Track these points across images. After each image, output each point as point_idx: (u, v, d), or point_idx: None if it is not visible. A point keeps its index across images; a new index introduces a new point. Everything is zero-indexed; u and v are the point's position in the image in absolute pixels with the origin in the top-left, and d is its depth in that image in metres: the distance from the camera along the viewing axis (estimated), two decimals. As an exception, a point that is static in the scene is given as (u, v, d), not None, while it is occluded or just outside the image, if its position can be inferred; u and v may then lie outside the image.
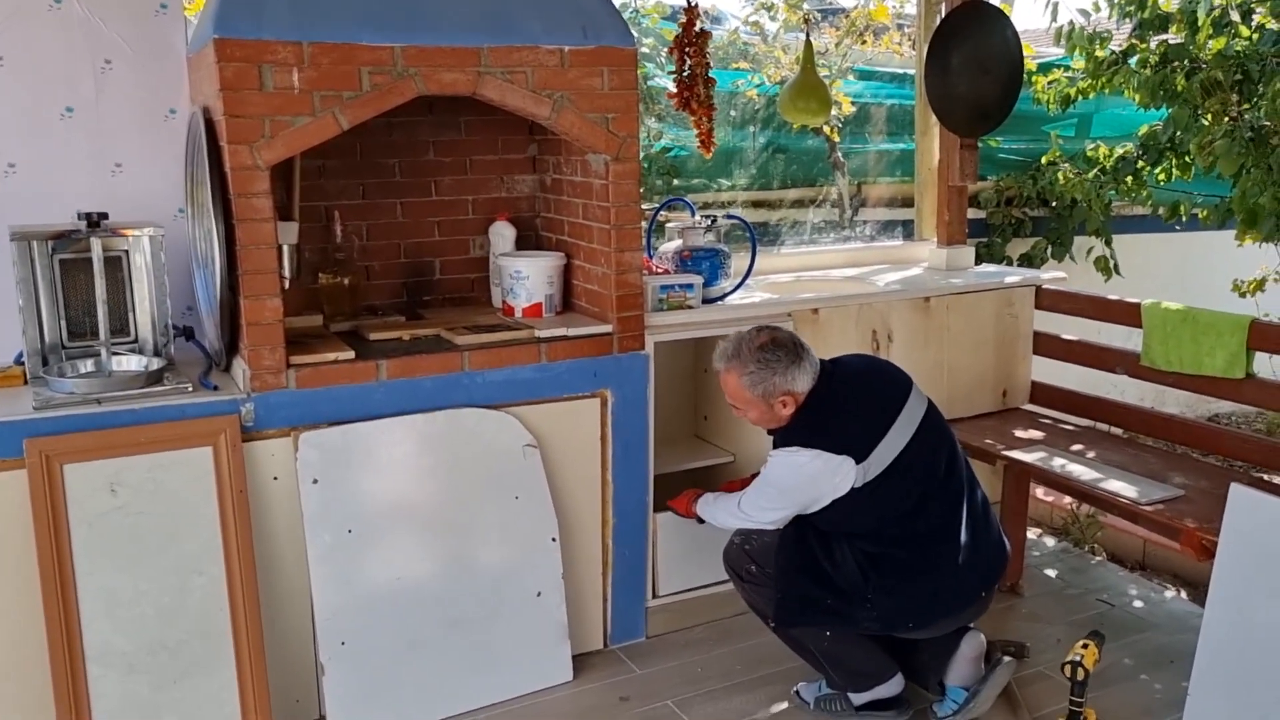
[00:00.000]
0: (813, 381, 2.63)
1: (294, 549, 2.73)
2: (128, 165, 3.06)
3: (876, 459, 2.58)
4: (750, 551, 2.85)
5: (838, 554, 2.66)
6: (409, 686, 2.82)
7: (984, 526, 2.72)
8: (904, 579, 2.63)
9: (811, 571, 2.68)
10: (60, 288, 2.75)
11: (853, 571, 2.63)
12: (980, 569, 2.70)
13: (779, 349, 2.62)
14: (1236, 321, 3.22)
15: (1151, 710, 2.87)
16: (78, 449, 2.49)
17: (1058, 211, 5.04)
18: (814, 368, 2.65)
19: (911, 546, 2.63)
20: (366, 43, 2.61)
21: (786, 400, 2.63)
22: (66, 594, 2.47)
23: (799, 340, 2.68)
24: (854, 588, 2.63)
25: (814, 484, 2.60)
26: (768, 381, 2.61)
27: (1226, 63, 4.07)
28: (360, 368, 2.78)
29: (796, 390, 2.62)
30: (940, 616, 2.71)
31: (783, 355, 2.61)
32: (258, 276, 2.63)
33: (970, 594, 2.71)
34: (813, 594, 2.67)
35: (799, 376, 2.61)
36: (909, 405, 2.67)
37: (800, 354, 2.63)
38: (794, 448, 2.62)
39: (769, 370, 2.60)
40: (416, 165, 3.39)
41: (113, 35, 3.00)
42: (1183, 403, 5.27)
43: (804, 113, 3.92)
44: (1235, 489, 2.59)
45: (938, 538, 2.64)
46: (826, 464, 2.57)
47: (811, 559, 2.68)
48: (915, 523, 2.63)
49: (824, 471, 2.57)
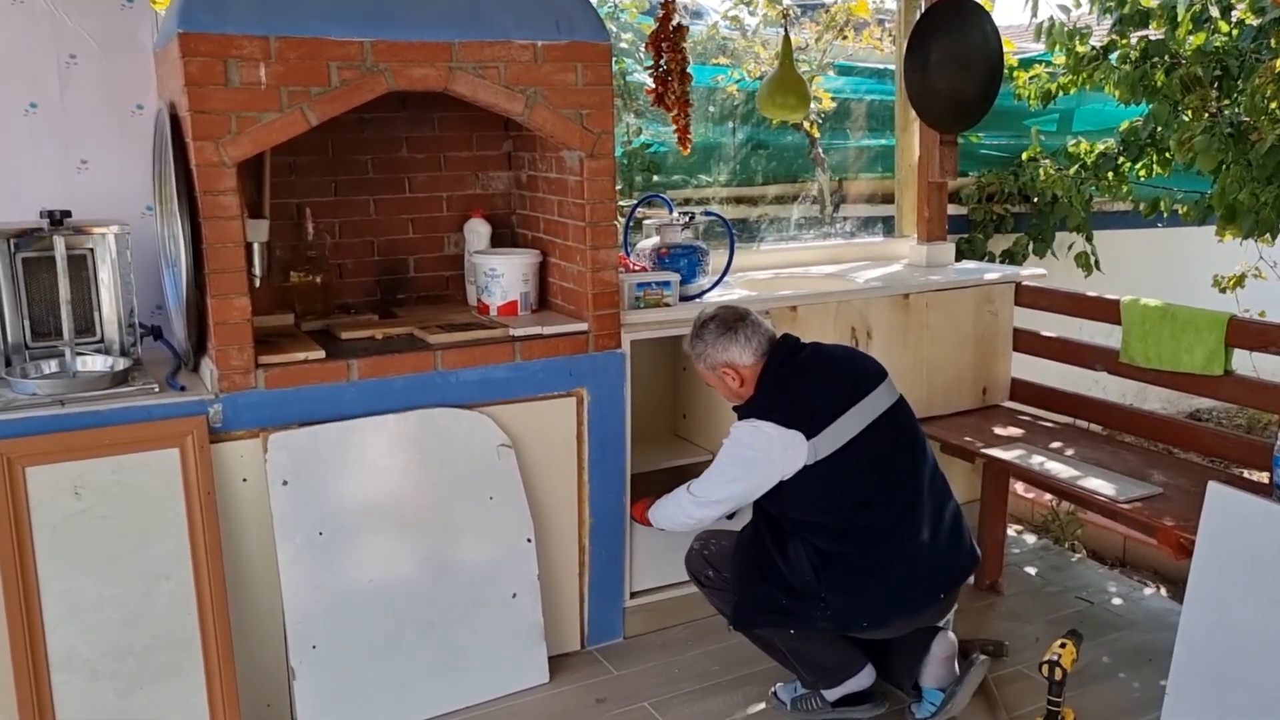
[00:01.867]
0: (755, 356, 2.69)
1: (264, 552, 2.69)
2: (94, 162, 3.01)
3: (828, 438, 2.58)
4: (709, 557, 2.86)
5: (791, 553, 2.65)
6: (382, 690, 2.78)
7: (950, 531, 2.70)
8: (855, 577, 2.61)
9: (767, 571, 2.67)
10: (23, 286, 2.70)
11: (806, 570, 2.62)
12: (940, 572, 2.68)
13: (712, 322, 2.73)
14: (1215, 318, 3.21)
15: (1129, 709, 2.86)
16: (40, 451, 2.44)
17: (1039, 208, 5.03)
18: (756, 341, 2.69)
19: (862, 542, 2.62)
20: (335, 37, 2.57)
21: (728, 372, 2.71)
22: (29, 599, 2.43)
23: (742, 314, 2.74)
24: (807, 587, 2.62)
25: (766, 455, 2.61)
26: (704, 355, 2.73)
27: (1206, 58, 4.07)
28: (331, 367, 2.74)
29: (735, 362, 2.69)
30: (896, 616, 2.67)
31: (714, 328, 2.72)
32: (225, 275, 2.59)
33: (928, 595, 2.68)
34: (768, 594, 2.67)
35: (732, 348, 2.68)
36: (874, 395, 2.67)
37: (736, 327, 2.70)
38: (749, 419, 2.67)
39: (703, 343, 2.73)
40: (390, 162, 3.35)
41: (77, 29, 2.94)
42: (1164, 399, 5.27)
43: (783, 108, 3.89)
44: (1213, 487, 2.58)
45: (891, 535, 2.62)
46: (779, 435, 2.59)
47: (766, 558, 2.68)
48: (867, 516, 2.62)
49: (775, 443, 2.59)
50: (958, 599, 2.81)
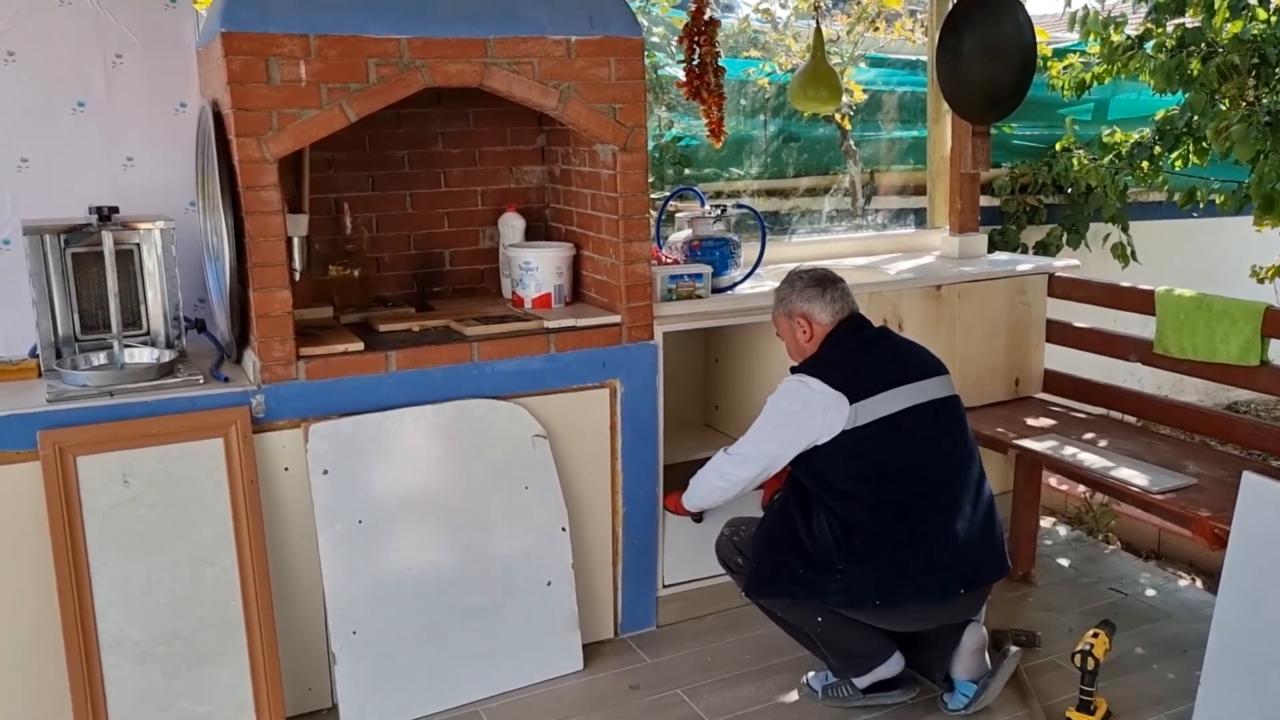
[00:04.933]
0: (833, 318, 2.77)
1: (305, 539, 2.75)
2: (139, 159, 3.08)
3: (870, 406, 2.63)
4: (738, 543, 2.88)
5: (815, 526, 2.67)
6: (420, 675, 2.84)
7: (983, 533, 2.69)
8: (874, 551, 2.62)
9: (788, 540, 2.70)
10: (73, 281, 2.77)
11: (828, 542, 2.64)
12: (963, 567, 2.66)
13: (810, 275, 2.84)
14: (1251, 309, 3.19)
15: (1163, 700, 2.86)
16: (91, 441, 2.51)
17: (1073, 198, 5.00)
18: (837, 306, 2.79)
19: (887, 518, 2.63)
20: (372, 34, 2.62)
21: (803, 324, 2.78)
22: (81, 584, 2.50)
23: (834, 278, 2.84)
24: (826, 557, 2.63)
25: (807, 411, 2.66)
26: (787, 299, 2.83)
27: (1243, 47, 4.02)
28: (370, 359, 2.79)
29: (813, 316, 2.77)
30: (908, 599, 2.64)
31: (810, 281, 2.81)
32: (267, 269, 2.64)
33: (945, 585, 2.65)
34: (786, 561, 2.69)
35: (816, 303, 2.77)
36: (927, 382, 2.72)
37: (825, 287, 2.79)
38: (799, 375, 2.74)
39: (791, 289, 2.83)
40: (425, 156, 3.40)
41: (123, 29, 3.01)
42: (1201, 391, 5.21)
43: (814, 101, 3.90)
44: (1248, 477, 2.57)
45: (916, 517, 2.63)
46: (823, 394, 2.64)
47: (790, 528, 2.71)
48: (895, 493, 2.64)
49: (816, 402, 2.64)
50: (988, 596, 2.80)
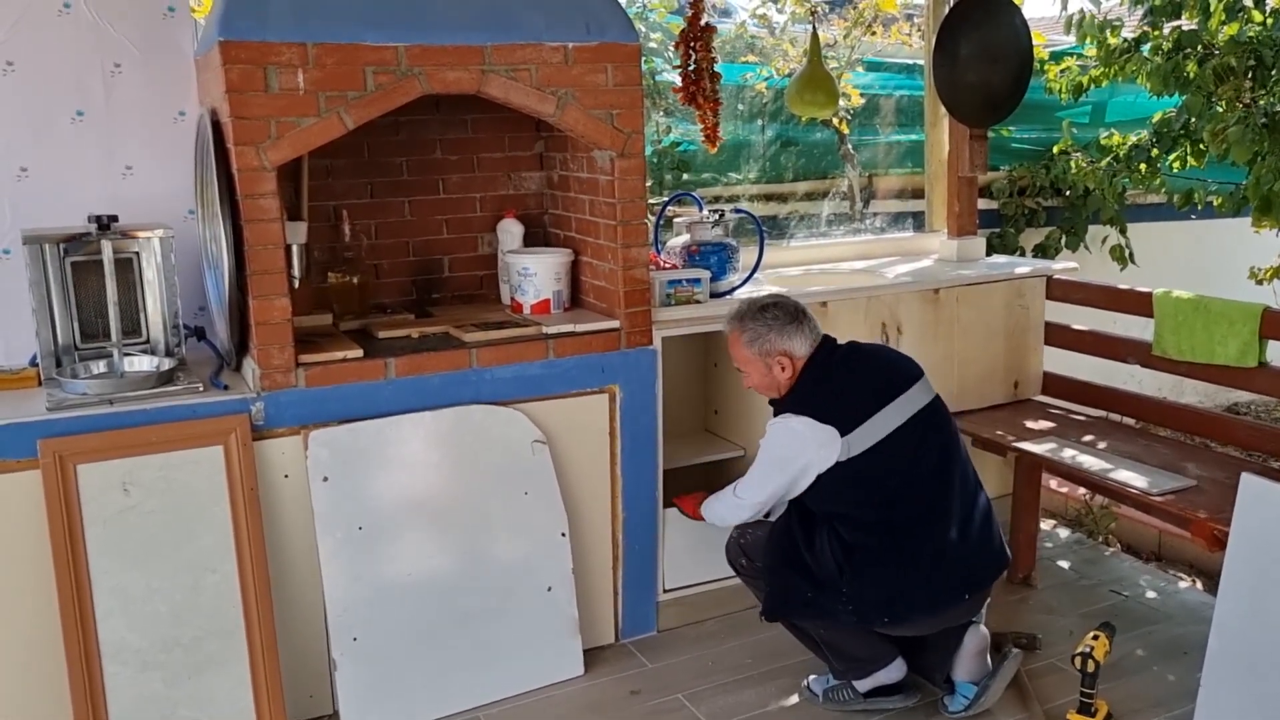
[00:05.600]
0: (810, 348, 2.71)
1: (305, 546, 2.75)
2: (138, 168, 3.09)
3: (862, 435, 2.60)
4: (744, 546, 2.90)
5: (817, 545, 2.67)
6: (421, 681, 2.84)
7: (980, 531, 2.70)
8: (877, 571, 2.63)
9: (794, 564, 2.70)
10: (72, 289, 2.78)
11: (829, 563, 2.65)
12: (966, 571, 2.68)
13: (779, 309, 2.74)
14: (1249, 310, 3.20)
15: (1164, 701, 2.86)
16: (91, 449, 2.52)
17: (1071, 201, 5.00)
18: (813, 335, 2.73)
19: (887, 537, 2.63)
20: (370, 43, 2.63)
21: (783, 361, 2.71)
22: (81, 592, 2.50)
23: (803, 308, 2.76)
24: (831, 579, 2.65)
25: (802, 451, 2.64)
26: (764, 339, 2.71)
27: (1239, 49, 4.03)
28: (369, 366, 2.80)
29: (793, 352, 2.70)
30: (917, 613, 2.67)
31: (781, 315, 2.72)
32: (266, 276, 2.65)
33: (951, 594, 2.67)
34: (795, 585, 2.70)
35: (795, 338, 2.70)
36: (910, 393, 2.69)
37: (800, 319, 2.72)
38: (783, 416, 2.70)
39: (766, 328, 2.71)
40: (424, 164, 3.41)
41: (121, 38, 3.02)
42: (1201, 392, 5.22)
43: (811, 105, 3.91)
44: (1246, 479, 2.57)
45: (915, 530, 2.63)
46: (814, 431, 2.62)
47: (794, 551, 2.70)
48: (894, 512, 2.64)
49: (809, 440, 2.62)
50: (989, 596, 2.81)
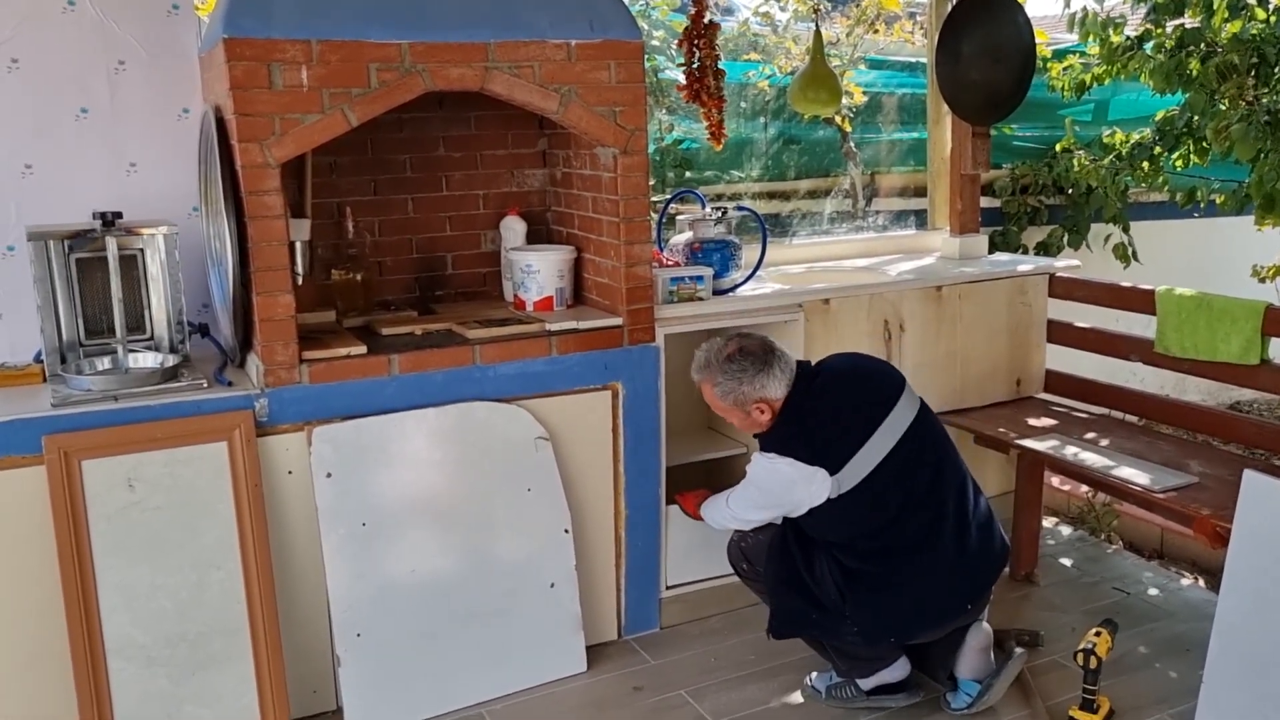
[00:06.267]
0: (787, 388, 2.65)
1: (309, 542, 2.76)
2: (142, 165, 3.10)
3: (851, 471, 2.58)
4: (745, 549, 2.91)
5: (818, 569, 2.68)
6: (424, 677, 2.85)
7: (980, 539, 2.69)
8: (879, 594, 2.63)
9: (796, 586, 2.71)
10: (77, 286, 2.79)
11: (831, 590, 2.66)
12: (967, 582, 2.69)
13: (746, 358, 2.65)
14: (1252, 307, 3.20)
15: (1167, 698, 2.86)
16: (96, 445, 2.52)
17: (1073, 199, 5.00)
18: (787, 373, 2.66)
19: (886, 561, 2.63)
20: (374, 40, 2.64)
21: (761, 407, 2.66)
22: (86, 588, 2.51)
23: (770, 345, 2.68)
24: (834, 605, 2.66)
25: (790, 491, 2.64)
26: (737, 391, 2.65)
27: (1242, 46, 4.03)
28: (372, 362, 2.80)
29: (769, 397, 2.65)
30: (922, 630, 2.71)
31: (749, 364, 2.64)
32: (270, 273, 2.66)
33: (955, 608, 2.69)
34: (799, 608, 2.72)
35: (768, 384, 2.64)
36: (895, 413, 2.65)
37: (769, 360, 2.64)
38: (771, 455, 2.65)
39: (736, 381, 2.65)
40: (427, 161, 3.41)
41: (125, 36, 3.03)
42: (1204, 390, 5.22)
43: (814, 103, 3.91)
44: (1249, 475, 2.57)
45: (916, 552, 2.63)
46: (800, 473, 2.60)
47: (795, 574, 2.71)
48: (892, 536, 2.63)
49: (798, 480, 2.61)
50: (992, 595, 2.81)
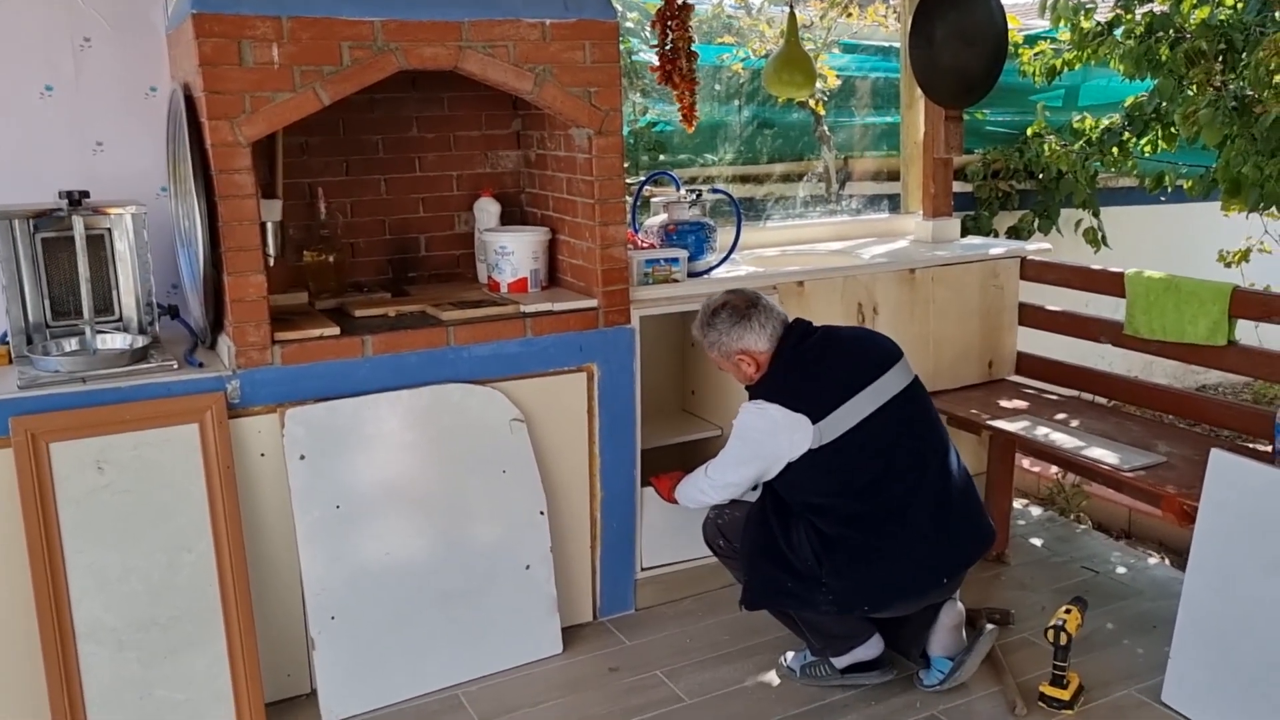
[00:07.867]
0: (770, 342, 2.72)
1: (282, 525, 2.74)
2: (109, 144, 3.05)
3: (834, 422, 2.61)
4: (721, 526, 2.92)
5: (795, 537, 2.69)
6: (399, 660, 2.84)
7: (960, 515, 2.72)
8: (856, 562, 2.65)
9: (772, 555, 2.72)
10: (43, 266, 2.74)
11: (808, 555, 2.67)
12: (945, 557, 2.70)
13: (725, 310, 2.74)
14: (1218, 289, 3.24)
15: (1134, 674, 2.91)
16: (64, 427, 2.49)
17: (1044, 184, 5.04)
18: (770, 326, 2.72)
19: (864, 527, 2.64)
20: (346, 17, 2.61)
21: (744, 359, 2.74)
22: (55, 572, 2.48)
23: (754, 299, 2.75)
24: (810, 571, 2.67)
25: (772, 437, 2.65)
26: (719, 344, 2.75)
27: (1210, 32, 4.06)
28: (346, 344, 2.78)
29: (750, 349, 2.72)
30: (897, 600, 2.72)
31: (726, 317, 2.73)
32: (241, 253, 2.63)
33: (930, 580, 2.71)
34: (774, 577, 2.72)
35: (746, 335, 2.71)
36: (885, 378, 2.68)
37: (748, 314, 2.72)
38: (756, 401, 2.71)
39: (716, 333, 2.75)
40: (400, 141, 3.38)
41: (91, 12, 2.98)
42: (1170, 373, 5.29)
43: (789, 86, 3.90)
44: (1215, 454, 2.62)
45: (894, 519, 2.64)
46: (785, 418, 2.63)
47: (772, 541, 2.72)
48: (870, 501, 2.65)
49: (781, 426, 2.63)
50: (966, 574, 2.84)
